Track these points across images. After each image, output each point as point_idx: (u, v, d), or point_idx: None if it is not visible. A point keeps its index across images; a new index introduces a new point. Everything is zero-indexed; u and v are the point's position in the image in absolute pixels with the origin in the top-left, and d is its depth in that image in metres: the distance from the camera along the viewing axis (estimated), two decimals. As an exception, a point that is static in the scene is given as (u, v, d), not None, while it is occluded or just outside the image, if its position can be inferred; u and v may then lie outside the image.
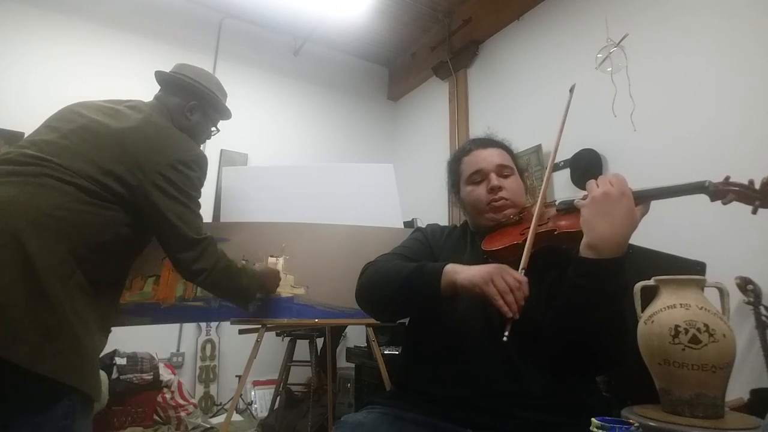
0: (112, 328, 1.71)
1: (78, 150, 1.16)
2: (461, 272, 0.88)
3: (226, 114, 1.58)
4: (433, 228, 1.20)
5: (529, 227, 0.97)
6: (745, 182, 0.77)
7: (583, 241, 0.82)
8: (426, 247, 1.13)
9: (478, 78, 3.67)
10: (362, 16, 3.71)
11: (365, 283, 1.06)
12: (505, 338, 0.81)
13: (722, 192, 0.78)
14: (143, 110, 1.32)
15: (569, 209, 0.94)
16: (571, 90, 1.04)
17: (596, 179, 0.85)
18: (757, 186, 0.76)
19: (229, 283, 1.39)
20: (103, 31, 3.31)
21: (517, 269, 0.88)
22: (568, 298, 0.84)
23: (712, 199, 0.79)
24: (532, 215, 1.00)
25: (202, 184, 1.35)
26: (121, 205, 1.17)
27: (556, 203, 1.01)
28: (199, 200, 1.34)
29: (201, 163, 1.33)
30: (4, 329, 0.93)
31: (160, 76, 1.47)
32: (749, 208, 0.77)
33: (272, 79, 4.01)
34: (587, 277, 0.81)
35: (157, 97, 1.44)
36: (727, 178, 0.79)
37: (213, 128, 1.57)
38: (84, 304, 1.07)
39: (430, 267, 0.94)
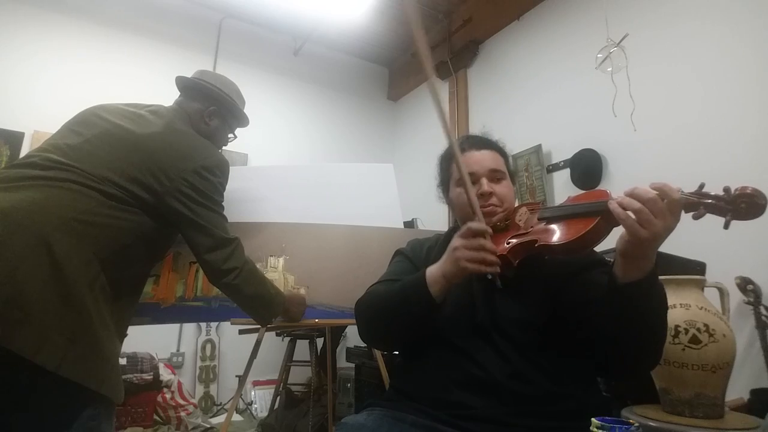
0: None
1: (102, 156, 1.17)
2: (442, 271, 0.89)
3: (243, 121, 1.60)
4: (413, 245, 1.19)
5: (516, 235, 0.94)
6: (720, 192, 0.71)
7: (622, 268, 0.77)
8: (410, 265, 1.12)
9: (478, 78, 3.67)
10: (362, 16, 3.71)
11: (362, 319, 1.04)
12: (500, 284, 0.88)
13: (694, 204, 0.73)
14: (165, 116, 1.33)
15: (552, 219, 0.92)
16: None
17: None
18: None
19: (256, 288, 1.39)
20: (104, 31, 3.31)
21: (503, 275, 0.88)
22: (621, 321, 0.79)
23: (686, 211, 0.73)
24: (517, 222, 0.99)
25: (224, 189, 1.36)
26: (145, 210, 1.18)
27: (540, 209, 0.98)
28: (223, 204, 1.35)
29: (224, 168, 1.35)
30: (34, 333, 0.93)
31: (181, 82, 1.48)
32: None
33: (272, 79, 4.01)
34: (640, 299, 0.77)
35: (177, 103, 1.46)
36: (701, 186, 0.73)
37: (230, 134, 1.58)
38: (106, 307, 1.08)
39: (412, 281, 0.94)
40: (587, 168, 2.59)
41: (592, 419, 0.67)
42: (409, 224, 3.31)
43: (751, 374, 1.79)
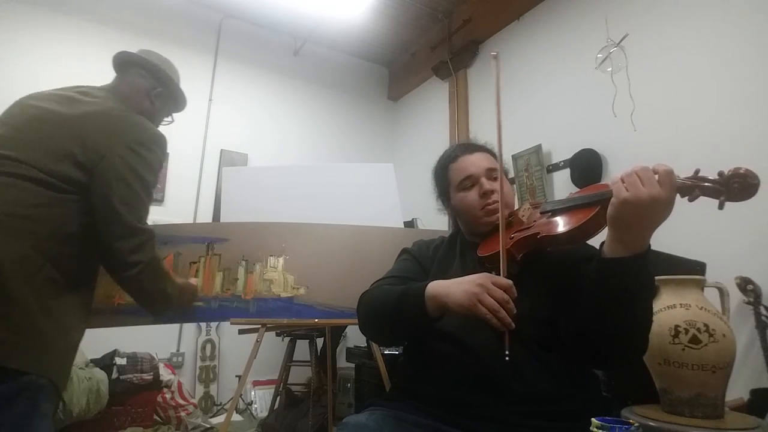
0: (113, 328, 1.70)
1: (30, 140, 1.15)
2: (449, 294, 0.87)
3: (182, 107, 1.56)
4: (419, 245, 1.21)
5: (519, 230, 0.98)
6: (714, 176, 0.73)
7: (609, 241, 0.79)
8: (415, 264, 1.14)
9: (478, 78, 3.67)
10: (362, 16, 3.71)
11: (362, 316, 1.06)
12: (507, 356, 0.81)
13: (689, 188, 0.75)
14: (97, 95, 1.30)
15: (554, 212, 0.95)
16: (495, 57, 1.04)
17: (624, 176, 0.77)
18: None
19: (156, 286, 1.29)
20: (104, 31, 3.31)
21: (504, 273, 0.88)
22: (599, 298, 0.81)
23: (682, 195, 0.76)
24: (521, 218, 1.02)
25: (161, 166, 1.30)
26: (82, 193, 1.15)
27: (542, 204, 1.01)
28: (154, 186, 1.27)
29: (160, 142, 1.29)
30: None
31: (127, 57, 1.43)
32: (746, 206, 0.73)
33: (272, 79, 4.01)
34: (619, 278, 0.78)
35: (117, 79, 1.41)
36: (697, 171, 0.76)
37: (167, 118, 1.54)
38: (57, 298, 1.08)
39: (412, 292, 0.93)
40: (587, 168, 2.59)
41: (592, 419, 0.67)
42: (409, 224, 3.30)
43: (751, 374, 1.79)
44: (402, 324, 0.97)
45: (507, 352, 0.81)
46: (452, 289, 0.87)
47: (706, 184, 0.74)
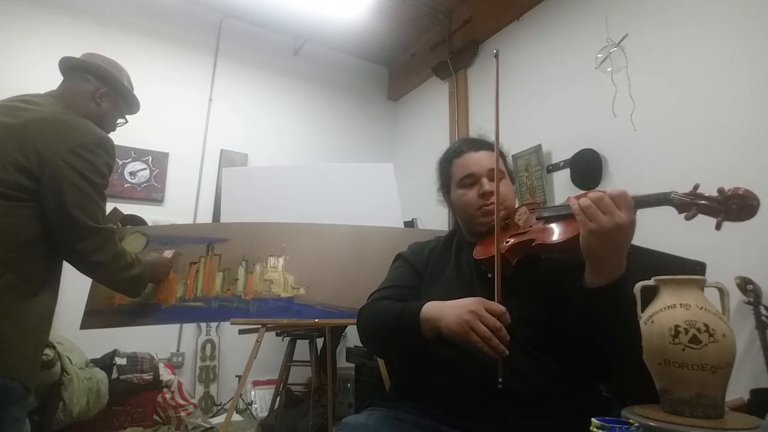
0: (112, 329, 1.71)
1: None
2: (441, 319, 0.87)
3: (135, 107, 1.55)
4: (414, 248, 1.19)
5: (515, 235, 0.97)
6: (713, 193, 0.73)
7: (588, 272, 0.81)
8: (410, 271, 1.13)
9: (478, 78, 3.67)
10: (362, 16, 3.71)
11: (362, 334, 1.07)
12: (500, 384, 0.80)
13: (687, 205, 0.74)
14: (39, 102, 1.30)
15: (550, 218, 0.94)
16: (496, 56, 1.03)
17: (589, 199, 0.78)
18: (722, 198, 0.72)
19: (124, 274, 1.34)
20: (104, 31, 3.31)
21: (504, 274, 0.88)
22: (584, 325, 0.83)
23: (679, 212, 0.75)
24: (516, 222, 1.01)
25: (109, 169, 1.30)
26: (34, 200, 1.16)
27: (540, 209, 1.00)
28: (104, 188, 1.28)
29: (105, 145, 1.29)
30: None
31: (70, 62, 1.43)
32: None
33: (272, 79, 4.01)
34: (603, 306, 0.80)
35: (62, 84, 1.41)
36: (696, 187, 0.75)
37: (121, 119, 1.53)
38: (20, 303, 1.10)
39: (408, 312, 0.93)
40: (587, 168, 2.59)
41: (592, 419, 0.67)
42: (409, 224, 3.31)
43: (751, 374, 1.79)
44: (401, 344, 0.97)
45: (500, 380, 0.81)
46: (445, 313, 0.87)
47: (704, 202, 0.73)
